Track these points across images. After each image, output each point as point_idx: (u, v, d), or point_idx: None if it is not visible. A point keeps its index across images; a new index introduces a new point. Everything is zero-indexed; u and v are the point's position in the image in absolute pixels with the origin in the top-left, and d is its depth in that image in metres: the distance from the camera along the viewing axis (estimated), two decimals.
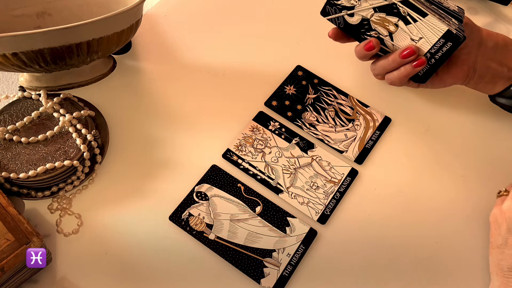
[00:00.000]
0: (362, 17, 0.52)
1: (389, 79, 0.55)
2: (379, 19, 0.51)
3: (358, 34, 0.53)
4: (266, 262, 0.49)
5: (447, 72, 0.54)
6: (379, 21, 0.51)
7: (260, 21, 0.67)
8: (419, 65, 0.51)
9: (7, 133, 0.51)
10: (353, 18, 0.52)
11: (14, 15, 0.57)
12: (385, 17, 0.51)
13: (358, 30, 0.53)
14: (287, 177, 0.54)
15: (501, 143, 0.59)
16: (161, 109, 0.58)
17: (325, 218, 0.52)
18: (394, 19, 0.51)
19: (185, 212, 0.51)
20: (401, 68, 0.53)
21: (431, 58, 0.51)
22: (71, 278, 0.47)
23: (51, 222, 0.50)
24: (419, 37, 0.51)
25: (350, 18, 0.52)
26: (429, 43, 0.50)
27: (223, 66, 0.63)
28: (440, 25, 0.49)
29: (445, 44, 0.50)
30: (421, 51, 0.51)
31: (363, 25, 0.52)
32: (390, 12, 0.51)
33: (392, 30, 0.51)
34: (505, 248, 0.47)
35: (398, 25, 0.51)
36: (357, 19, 0.52)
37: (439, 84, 0.56)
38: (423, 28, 0.50)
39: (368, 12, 0.51)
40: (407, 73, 0.52)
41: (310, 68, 0.63)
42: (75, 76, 0.53)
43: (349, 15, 0.52)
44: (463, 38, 0.49)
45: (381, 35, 0.52)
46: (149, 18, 0.66)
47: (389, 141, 0.58)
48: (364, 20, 0.52)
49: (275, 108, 0.59)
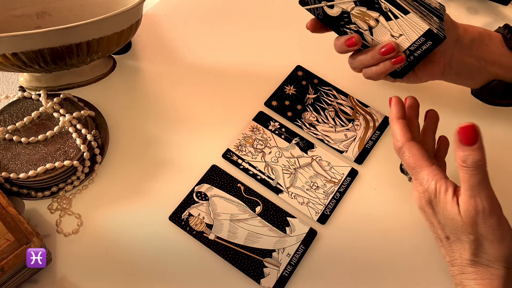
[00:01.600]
0: (342, 10, 0.51)
1: (366, 74, 0.54)
2: (360, 13, 0.51)
3: (337, 27, 0.52)
4: (266, 262, 0.49)
5: (422, 69, 0.54)
6: (360, 15, 0.51)
7: (260, 21, 0.67)
8: (398, 62, 0.51)
9: (7, 133, 0.51)
10: (333, 10, 0.51)
11: (14, 15, 0.57)
12: (366, 12, 0.51)
13: (338, 23, 0.52)
14: (287, 177, 0.54)
15: (499, 140, 0.59)
16: (161, 109, 0.58)
17: (325, 218, 0.52)
18: (375, 14, 0.51)
19: (185, 212, 0.51)
20: (380, 64, 0.53)
21: (410, 55, 0.51)
22: (71, 278, 0.47)
23: (51, 222, 0.50)
24: (399, 33, 0.51)
25: (330, 10, 0.51)
26: (409, 40, 0.50)
27: (223, 66, 0.63)
28: (421, 24, 0.49)
29: (425, 43, 0.50)
30: (400, 47, 0.51)
31: (342, 18, 0.51)
32: (372, 7, 0.50)
33: (373, 25, 0.51)
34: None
35: (379, 21, 0.51)
36: (337, 11, 0.51)
37: (414, 80, 0.56)
38: (404, 25, 0.50)
39: (349, 5, 0.51)
40: (385, 69, 0.52)
41: (310, 68, 0.63)
42: (75, 76, 0.53)
43: (329, 6, 0.51)
44: (443, 37, 0.49)
45: (360, 29, 0.52)
46: (149, 18, 0.66)
47: (389, 141, 0.58)
48: (344, 13, 0.51)
49: (275, 108, 0.59)
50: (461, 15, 0.67)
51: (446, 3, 0.70)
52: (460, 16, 0.56)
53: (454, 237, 0.44)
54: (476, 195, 0.41)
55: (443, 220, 0.44)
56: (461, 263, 0.44)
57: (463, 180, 0.41)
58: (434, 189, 0.44)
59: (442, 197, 0.44)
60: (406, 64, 0.52)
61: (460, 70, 0.54)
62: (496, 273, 0.43)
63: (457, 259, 0.45)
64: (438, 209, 0.44)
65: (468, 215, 0.41)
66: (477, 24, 0.54)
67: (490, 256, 0.43)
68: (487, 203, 0.41)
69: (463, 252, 0.44)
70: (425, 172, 0.45)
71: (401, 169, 0.51)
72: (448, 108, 0.60)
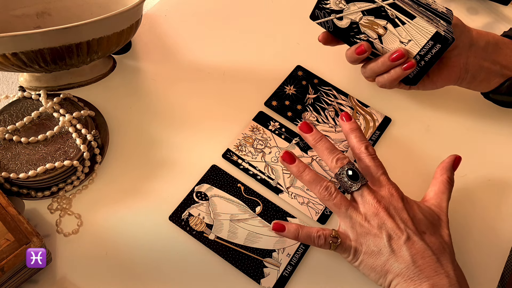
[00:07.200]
0: (351, 20, 0.52)
1: (379, 82, 0.55)
2: (368, 22, 0.51)
3: (347, 38, 0.53)
4: (266, 262, 0.49)
5: (438, 74, 0.55)
6: (368, 24, 0.51)
7: (260, 21, 0.67)
8: (408, 67, 0.52)
9: (7, 133, 0.51)
10: (342, 21, 0.52)
11: (14, 15, 0.57)
12: (374, 20, 0.51)
13: (348, 34, 0.53)
14: (287, 177, 0.54)
15: (501, 141, 0.59)
16: (161, 109, 0.58)
17: (325, 218, 0.52)
18: (383, 22, 0.51)
19: (185, 212, 0.51)
20: (391, 71, 0.53)
21: (421, 60, 0.51)
22: (71, 278, 0.47)
23: (51, 222, 0.50)
24: (408, 39, 0.51)
25: (339, 22, 0.52)
26: (418, 45, 0.51)
27: (223, 66, 0.63)
28: (428, 27, 0.49)
29: (434, 46, 0.50)
30: (410, 53, 0.51)
31: (352, 29, 0.52)
32: (379, 15, 0.51)
33: (381, 33, 0.52)
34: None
35: (387, 28, 0.51)
36: (346, 23, 0.52)
37: (430, 86, 0.56)
38: (412, 30, 0.50)
39: (357, 15, 0.51)
40: (397, 76, 0.53)
41: (310, 68, 0.63)
42: (75, 76, 0.53)
43: (338, 18, 0.52)
44: (451, 39, 0.49)
45: (370, 38, 0.52)
46: (149, 18, 0.66)
47: (389, 141, 0.58)
48: (353, 24, 0.52)
49: (275, 108, 0.59)
50: (461, 15, 0.67)
51: (446, 3, 0.70)
52: (460, 16, 0.56)
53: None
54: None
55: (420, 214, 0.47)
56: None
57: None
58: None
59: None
60: (417, 70, 0.52)
61: (476, 73, 0.54)
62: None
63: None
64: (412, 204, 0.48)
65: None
66: (477, 24, 0.54)
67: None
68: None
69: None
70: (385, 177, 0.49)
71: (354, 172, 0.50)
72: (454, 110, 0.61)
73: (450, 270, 0.43)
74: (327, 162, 0.49)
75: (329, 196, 0.46)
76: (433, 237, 0.45)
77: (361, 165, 0.50)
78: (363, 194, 0.47)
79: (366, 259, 0.45)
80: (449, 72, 0.54)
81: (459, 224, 0.53)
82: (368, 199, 0.46)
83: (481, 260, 0.51)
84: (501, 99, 0.57)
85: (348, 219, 0.46)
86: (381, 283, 0.45)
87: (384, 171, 0.49)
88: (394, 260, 0.44)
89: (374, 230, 0.45)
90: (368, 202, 0.46)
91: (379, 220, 0.45)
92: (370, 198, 0.46)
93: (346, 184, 0.47)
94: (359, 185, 0.47)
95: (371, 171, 0.49)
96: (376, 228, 0.45)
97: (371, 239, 0.45)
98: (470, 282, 0.45)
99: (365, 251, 0.45)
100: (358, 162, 0.50)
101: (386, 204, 0.46)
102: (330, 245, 0.46)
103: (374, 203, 0.46)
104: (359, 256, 0.46)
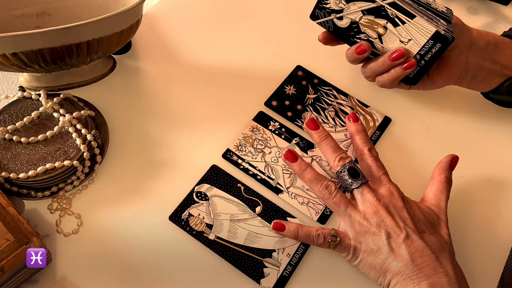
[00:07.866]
0: (351, 20, 0.52)
1: (379, 82, 0.55)
2: (368, 22, 0.51)
3: (348, 37, 0.53)
4: (266, 262, 0.49)
5: (438, 74, 0.55)
6: (368, 24, 0.52)
7: (260, 21, 0.67)
8: (409, 67, 0.52)
9: (7, 133, 0.51)
10: (342, 21, 0.52)
11: (14, 15, 0.57)
12: (374, 20, 0.51)
13: (348, 33, 0.53)
14: (287, 177, 0.54)
15: (501, 141, 0.59)
16: (161, 109, 0.58)
17: (325, 218, 0.52)
18: (383, 22, 0.51)
19: (185, 212, 0.51)
20: (391, 71, 0.53)
21: (421, 60, 0.51)
22: (71, 278, 0.47)
23: (51, 222, 0.50)
24: (408, 39, 0.51)
25: (339, 21, 0.52)
26: (418, 44, 0.51)
27: (223, 66, 0.63)
28: (428, 27, 0.49)
29: (434, 46, 0.50)
30: (410, 53, 0.51)
31: (352, 28, 0.52)
32: (379, 14, 0.51)
33: (381, 33, 0.52)
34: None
35: (387, 27, 0.51)
36: (346, 22, 0.52)
37: (430, 86, 0.56)
38: (412, 30, 0.50)
39: (357, 15, 0.51)
40: (397, 75, 0.53)
41: (310, 68, 0.63)
42: (75, 76, 0.53)
43: (338, 18, 0.52)
44: (451, 38, 0.49)
45: (370, 38, 0.52)
46: (149, 18, 0.66)
47: (389, 141, 0.58)
48: (353, 23, 0.52)
49: (275, 108, 0.59)
50: (461, 15, 0.67)
51: (446, 3, 0.70)
52: (460, 16, 0.56)
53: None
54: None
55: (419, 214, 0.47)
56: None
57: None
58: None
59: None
60: (418, 70, 0.52)
61: (476, 73, 0.54)
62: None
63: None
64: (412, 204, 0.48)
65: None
66: (477, 24, 0.54)
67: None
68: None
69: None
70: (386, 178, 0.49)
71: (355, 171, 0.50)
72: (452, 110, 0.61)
73: (449, 269, 0.43)
74: (330, 160, 0.49)
75: (329, 195, 0.47)
76: (433, 236, 0.45)
77: (362, 165, 0.50)
78: (363, 192, 0.47)
79: (365, 258, 0.45)
80: (449, 72, 0.54)
81: (459, 224, 0.53)
82: (367, 197, 0.46)
83: (481, 260, 0.51)
84: (501, 99, 0.57)
85: (347, 217, 0.46)
86: (380, 282, 0.45)
87: (385, 171, 0.49)
88: (393, 259, 0.44)
89: (373, 228, 0.45)
90: (367, 200, 0.46)
91: (378, 218, 0.45)
92: (369, 196, 0.46)
93: (346, 182, 0.47)
94: (359, 183, 0.47)
95: (372, 171, 0.49)
96: (375, 226, 0.45)
97: (370, 237, 0.45)
98: (470, 282, 0.45)
99: (364, 250, 0.45)
100: (360, 163, 0.50)
101: (385, 202, 0.46)
102: (329, 244, 0.46)
103: (373, 201, 0.46)
104: (358, 254, 0.46)
